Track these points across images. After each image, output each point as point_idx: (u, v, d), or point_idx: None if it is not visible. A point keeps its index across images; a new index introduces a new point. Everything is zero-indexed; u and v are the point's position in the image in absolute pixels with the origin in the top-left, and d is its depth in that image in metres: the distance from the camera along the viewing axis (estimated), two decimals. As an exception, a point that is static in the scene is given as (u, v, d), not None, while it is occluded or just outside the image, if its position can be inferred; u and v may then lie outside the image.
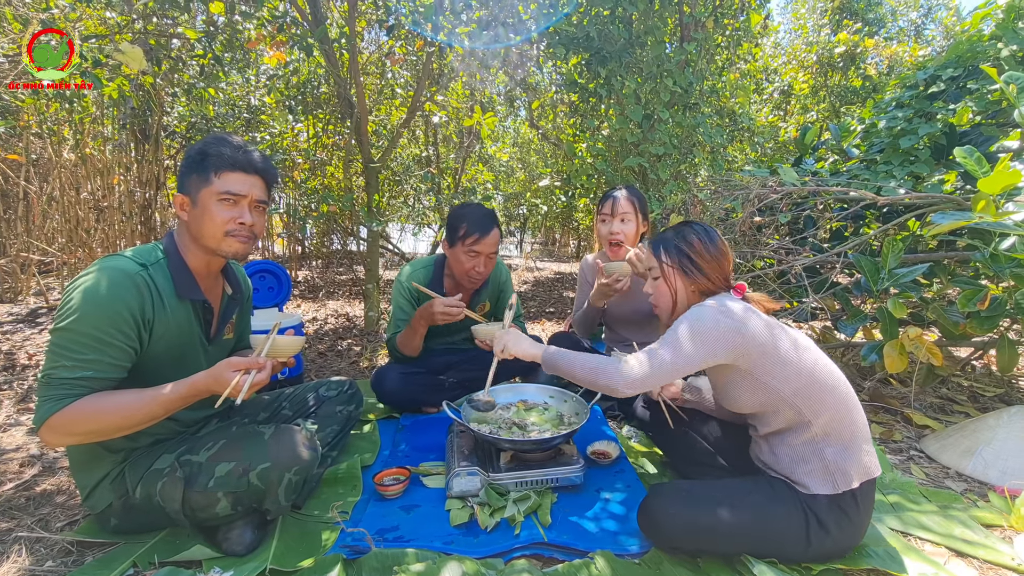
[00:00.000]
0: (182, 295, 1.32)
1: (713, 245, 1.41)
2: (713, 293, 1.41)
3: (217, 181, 1.30)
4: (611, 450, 1.83)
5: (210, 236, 1.32)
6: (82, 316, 1.15)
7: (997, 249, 1.84)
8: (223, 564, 1.27)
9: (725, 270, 1.42)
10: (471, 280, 2.08)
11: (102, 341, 1.16)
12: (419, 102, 3.73)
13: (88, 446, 1.28)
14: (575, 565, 1.30)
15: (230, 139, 1.35)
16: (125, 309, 1.19)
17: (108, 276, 1.19)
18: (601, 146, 3.92)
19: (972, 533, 1.46)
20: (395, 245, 6.05)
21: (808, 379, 1.25)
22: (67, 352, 1.15)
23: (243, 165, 1.33)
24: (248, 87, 5.00)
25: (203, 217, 1.31)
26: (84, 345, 1.15)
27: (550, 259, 9.01)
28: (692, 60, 3.68)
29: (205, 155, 1.30)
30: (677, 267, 1.42)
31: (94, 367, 1.16)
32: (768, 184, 2.62)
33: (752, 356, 1.26)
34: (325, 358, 3.16)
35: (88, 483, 1.32)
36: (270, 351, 1.32)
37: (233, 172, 1.31)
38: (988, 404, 2.38)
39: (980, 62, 2.58)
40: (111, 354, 1.18)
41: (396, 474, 1.67)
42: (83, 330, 1.15)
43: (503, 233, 9.10)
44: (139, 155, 4.45)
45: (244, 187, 1.33)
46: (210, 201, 1.30)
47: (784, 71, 6.69)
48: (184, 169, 1.33)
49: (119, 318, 1.18)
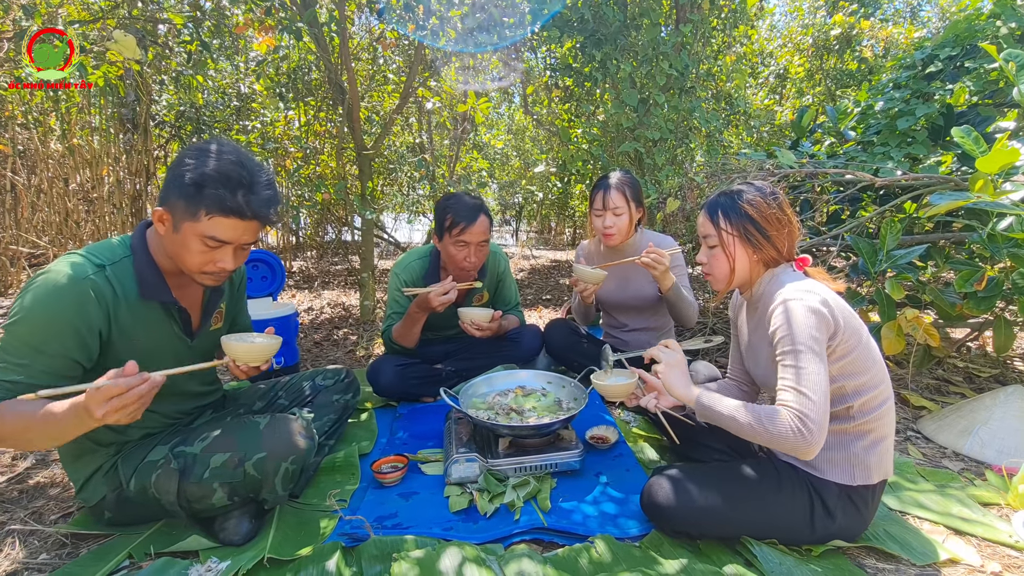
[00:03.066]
0: (146, 296, 1.23)
1: (780, 209, 1.28)
2: (777, 264, 1.31)
3: (205, 223, 1.14)
4: (610, 435, 1.83)
5: (183, 264, 1.21)
6: (22, 319, 1.10)
7: (994, 229, 1.83)
8: (220, 554, 1.26)
9: (794, 238, 1.30)
10: (464, 271, 2.06)
11: (37, 349, 1.10)
12: (412, 88, 3.68)
13: (77, 442, 1.23)
14: (575, 549, 1.30)
15: (233, 175, 1.15)
16: (63, 322, 1.11)
17: (54, 282, 1.12)
18: (596, 131, 3.88)
19: (970, 512, 1.47)
20: (390, 234, 6.02)
21: (868, 376, 1.20)
22: (3, 353, 1.10)
23: (239, 212, 1.16)
24: (237, 74, 4.91)
25: (180, 247, 1.18)
26: (18, 350, 1.09)
27: (546, 247, 8.99)
28: (688, 42, 3.64)
29: (200, 188, 1.13)
30: (739, 235, 1.29)
31: (25, 372, 1.09)
32: (765, 167, 2.60)
33: (838, 350, 1.17)
34: (321, 347, 3.14)
35: (81, 476, 1.30)
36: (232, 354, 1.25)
37: (226, 218, 1.15)
38: (984, 385, 2.39)
39: (978, 40, 2.56)
40: (43, 362, 1.10)
41: (394, 461, 1.66)
42: (21, 334, 1.10)
43: (499, 222, 9.03)
44: (128, 145, 4.38)
45: (233, 235, 1.18)
46: (192, 238, 1.16)
47: (780, 54, 6.64)
48: (171, 186, 1.16)
49: (56, 329, 1.11)
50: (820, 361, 1.12)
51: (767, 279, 1.33)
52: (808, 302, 1.16)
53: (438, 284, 1.94)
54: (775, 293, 1.25)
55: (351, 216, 5.13)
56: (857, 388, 1.20)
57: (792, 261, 1.33)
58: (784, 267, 1.32)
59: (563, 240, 9.76)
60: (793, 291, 1.20)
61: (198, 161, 1.14)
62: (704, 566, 1.21)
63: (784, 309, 1.18)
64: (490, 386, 1.91)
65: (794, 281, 1.25)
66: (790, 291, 1.20)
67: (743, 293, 1.43)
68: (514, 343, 2.28)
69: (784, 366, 1.16)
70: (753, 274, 1.34)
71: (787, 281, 1.26)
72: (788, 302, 1.18)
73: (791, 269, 1.32)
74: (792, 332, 1.15)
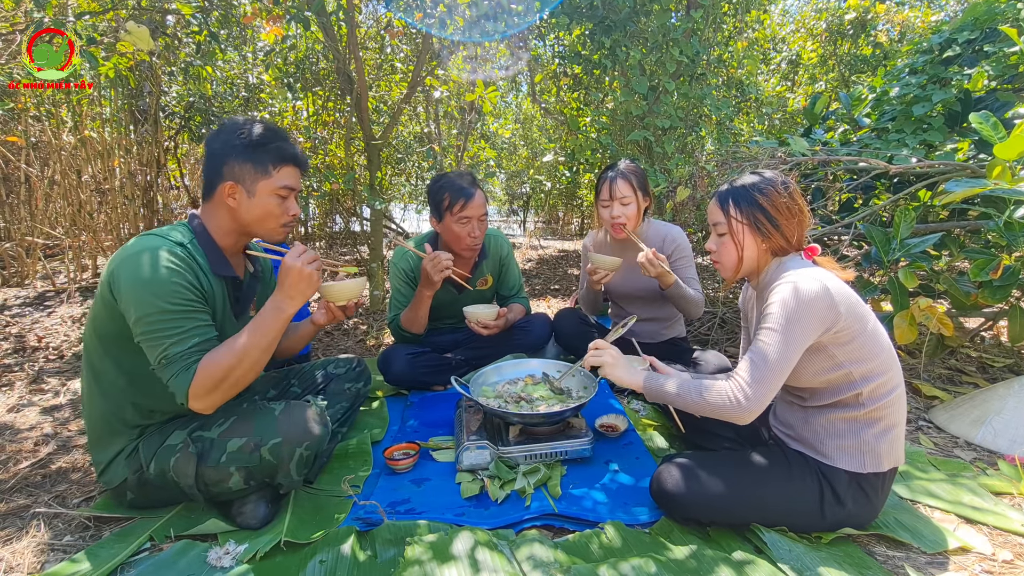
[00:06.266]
0: (216, 272, 1.34)
1: (791, 198, 1.28)
2: (786, 253, 1.31)
3: (276, 175, 1.33)
4: (619, 423, 1.84)
5: (261, 225, 1.35)
6: (155, 300, 1.18)
7: (1012, 217, 1.81)
8: (237, 537, 1.29)
9: (804, 228, 1.30)
10: (469, 248, 2.07)
11: (184, 311, 1.22)
12: (420, 77, 3.66)
13: (106, 421, 1.32)
14: (586, 535, 1.31)
15: (277, 131, 1.36)
16: (182, 280, 1.22)
17: (156, 256, 1.21)
18: (605, 120, 3.85)
19: (981, 500, 1.46)
20: (398, 224, 6.03)
21: (876, 362, 1.20)
22: (165, 333, 1.19)
23: (295, 158, 1.36)
24: (246, 64, 4.91)
25: (259, 209, 1.33)
26: (173, 320, 1.20)
27: (553, 237, 8.97)
28: (699, 28, 3.58)
29: (262, 146, 1.31)
30: (749, 223, 1.29)
31: (197, 333, 1.23)
32: (777, 155, 2.57)
33: (841, 337, 1.18)
34: (332, 336, 3.17)
35: (104, 459, 1.34)
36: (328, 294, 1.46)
37: (288, 166, 1.35)
38: (997, 375, 2.37)
39: (998, 23, 2.50)
40: (200, 317, 1.25)
41: (406, 448, 1.68)
42: (166, 309, 1.19)
43: (506, 213, 8.99)
44: (138, 136, 4.41)
45: (295, 180, 1.38)
46: (267, 196, 1.33)
47: (792, 40, 6.52)
48: (228, 158, 1.30)
49: (182, 288, 1.22)
50: (788, 344, 1.16)
51: (774, 267, 1.33)
52: (806, 285, 1.17)
53: (431, 253, 1.94)
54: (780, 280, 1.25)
55: (359, 206, 5.15)
56: (865, 375, 1.20)
57: (801, 250, 1.33)
58: (792, 256, 1.32)
59: (571, 230, 9.72)
60: (793, 276, 1.21)
61: (243, 130, 1.31)
62: (713, 552, 1.21)
63: (779, 291, 1.20)
64: (500, 375, 1.92)
65: (800, 268, 1.25)
66: (792, 275, 1.22)
67: (751, 281, 1.42)
68: (524, 332, 2.29)
69: (755, 336, 1.21)
70: (761, 263, 1.34)
71: (792, 268, 1.26)
72: (782, 285, 1.20)
73: (800, 258, 1.32)
74: (774, 311, 1.18)
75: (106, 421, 1.32)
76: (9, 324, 3.10)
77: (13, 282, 4.08)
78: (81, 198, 4.09)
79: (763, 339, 1.19)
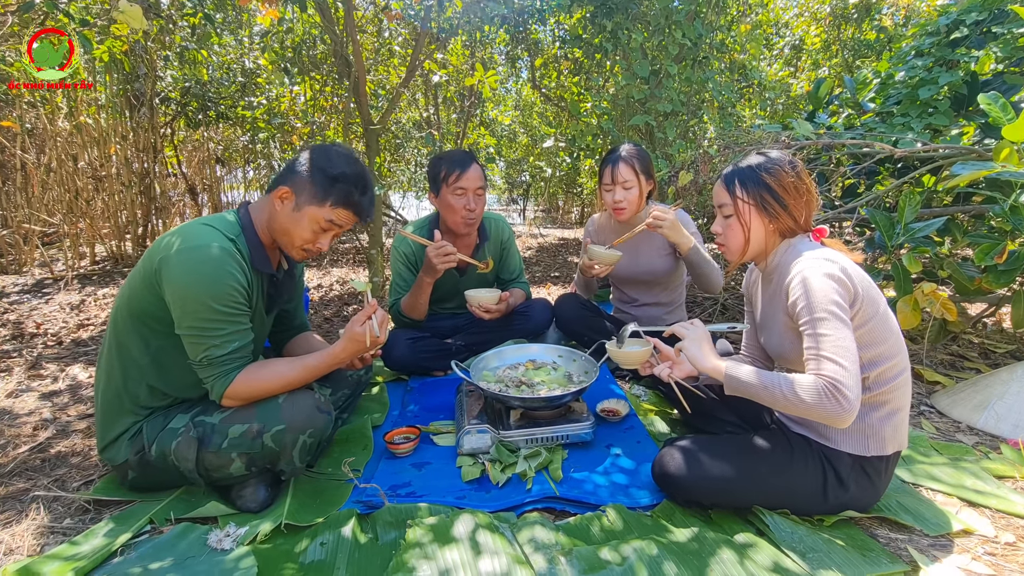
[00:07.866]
0: (256, 267, 1.36)
1: (798, 177, 1.25)
2: (793, 234, 1.28)
3: (328, 210, 1.34)
4: (620, 408, 1.83)
5: (286, 237, 1.37)
6: (208, 300, 1.22)
7: (1018, 201, 1.79)
8: (238, 520, 1.29)
9: (812, 208, 1.28)
10: (466, 222, 2.06)
11: (230, 315, 1.26)
12: (418, 61, 3.61)
13: (118, 398, 1.33)
14: (587, 518, 1.31)
15: (362, 178, 1.37)
16: (235, 283, 1.26)
17: (207, 255, 1.24)
18: (606, 104, 3.80)
19: (984, 484, 1.46)
20: (397, 212, 5.99)
21: (885, 346, 1.18)
22: (209, 334, 1.24)
23: (357, 209, 1.38)
24: (242, 48, 4.85)
25: (294, 224, 1.35)
26: (219, 323, 1.25)
27: (553, 225, 8.93)
28: (701, 11, 3.53)
29: (335, 182, 1.33)
30: (756, 204, 1.26)
31: (238, 338, 1.28)
32: (780, 139, 2.54)
33: (854, 320, 1.15)
34: (332, 323, 3.16)
35: (109, 436, 1.34)
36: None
37: (346, 211, 1.37)
38: (1000, 360, 2.36)
39: (1007, 4, 2.45)
40: (243, 321, 1.30)
41: (406, 433, 1.67)
42: (216, 308, 1.23)
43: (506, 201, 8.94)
44: (134, 122, 4.36)
45: (345, 223, 1.39)
46: (310, 219, 1.34)
47: (796, 24, 6.43)
48: (301, 173, 1.34)
49: (234, 292, 1.26)
50: (845, 326, 1.10)
51: (783, 249, 1.30)
52: (826, 269, 1.14)
53: (436, 242, 1.93)
54: (791, 263, 1.23)
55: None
56: (873, 359, 1.19)
57: (809, 232, 1.30)
58: (801, 237, 1.29)
59: (571, 218, 9.68)
60: (811, 260, 1.18)
61: (332, 160, 1.36)
62: (715, 535, 1.21)
63: (802, 279, 1.16)
64: (501, 360, 1.91)
65: (811, 250, 1.22)
66: (807, 260, 1.18)
67: (758, 264, 1.40)
68: (524, 317, 2.27)
69: (808, 335, 1.13)
70: (768, 244, 1.31)
71: (804, 251, 1.23)
72: (806, 271, 1.16)
73: (808, 239, 1.29)
74: (811, 301, 1.13)
75: (118, 397, 1.33)
76: (7, 311, 3.08)
77: (11, 269, 4.06)
78: (78, 185, 4.06)
79: (824, 331, 1.10)
